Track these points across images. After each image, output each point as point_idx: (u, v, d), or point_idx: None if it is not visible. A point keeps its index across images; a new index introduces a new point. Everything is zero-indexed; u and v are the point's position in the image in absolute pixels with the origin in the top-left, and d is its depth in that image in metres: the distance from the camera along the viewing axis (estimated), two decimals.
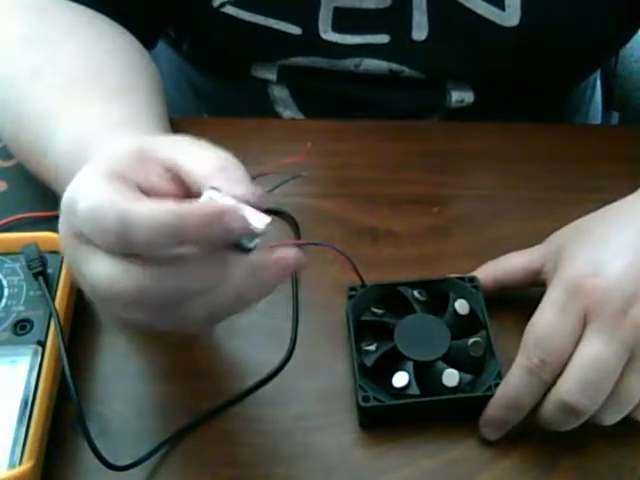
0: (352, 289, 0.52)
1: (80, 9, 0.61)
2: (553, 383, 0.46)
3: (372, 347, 0.50)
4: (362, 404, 0.47)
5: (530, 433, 0.48)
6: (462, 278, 0.53)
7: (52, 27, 0.59)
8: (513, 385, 0.47)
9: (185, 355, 0.52)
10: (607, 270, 0.46)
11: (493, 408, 0.48)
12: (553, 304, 0.47)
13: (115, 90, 0.55)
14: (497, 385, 0.48)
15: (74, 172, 0.42)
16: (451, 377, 0.48)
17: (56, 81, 0.55)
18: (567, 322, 0.46)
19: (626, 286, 0.46)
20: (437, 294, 0.52)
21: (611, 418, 0.46)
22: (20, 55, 0.57)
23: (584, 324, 0.46)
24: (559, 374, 0.45)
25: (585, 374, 0.44)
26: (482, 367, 0.49)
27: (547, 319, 0.47)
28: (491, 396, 0.48)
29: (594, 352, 0.45)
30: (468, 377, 0.48)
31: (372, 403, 0.47)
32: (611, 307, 0.45)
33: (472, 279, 0.53)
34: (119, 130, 0.49)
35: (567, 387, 0.45)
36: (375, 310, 0.52)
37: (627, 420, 0.47)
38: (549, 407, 0.46)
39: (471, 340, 0.49)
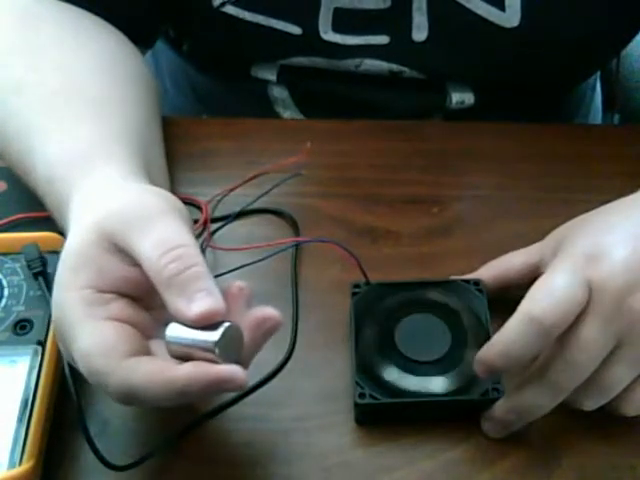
0: (356, 286, 0.52)
1: (71, 10, 0.60)
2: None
3: (372, 345, 0.50)
4: (358, 400, 0.47)
5: (530, 433, 0.48)
6: (467, 281, 0.53)
7: (38, 33, 0.58)
8: (511, 330, 0.44)
9: None
10: (611, 255, 0.45)
11: (485, 352, 0.46)
12: (561, 269, 0.45)
13: (98, 105, 0.54)
14: (495, 389, 0.47)
15: (53, 202, 0.49)
16: (449, 379, 0.48)
17: (39, 95, 0.54)
18: (576, 282, 0.44)
19: (629, 273, 0.44)
20: (441, 295, 0.52)
21: (591, 403, 0.46)
22: (4, 66, 0.57)
23: (588, 295, 0.44)
24: (558, 338, 0.44)
25: (571, 354, 0.44)
26: None
27: (556, 279, 0.45)
28: (488, 399, 0.47)
29: (585, 335, 0.43)
30: (466, 380, 0.48)
31: (367, 400, 0.47)
32: (611, 293, 0.44)
33: (477, 282, 0.52)
34: (96, 156, 0.49)
35: (554, 363, 0.44)
36: (378, 308, 0.52)
37: (627, 420, 0.47)
38: (533, 380, 0.45)
39: (471, 343, 0.49)
